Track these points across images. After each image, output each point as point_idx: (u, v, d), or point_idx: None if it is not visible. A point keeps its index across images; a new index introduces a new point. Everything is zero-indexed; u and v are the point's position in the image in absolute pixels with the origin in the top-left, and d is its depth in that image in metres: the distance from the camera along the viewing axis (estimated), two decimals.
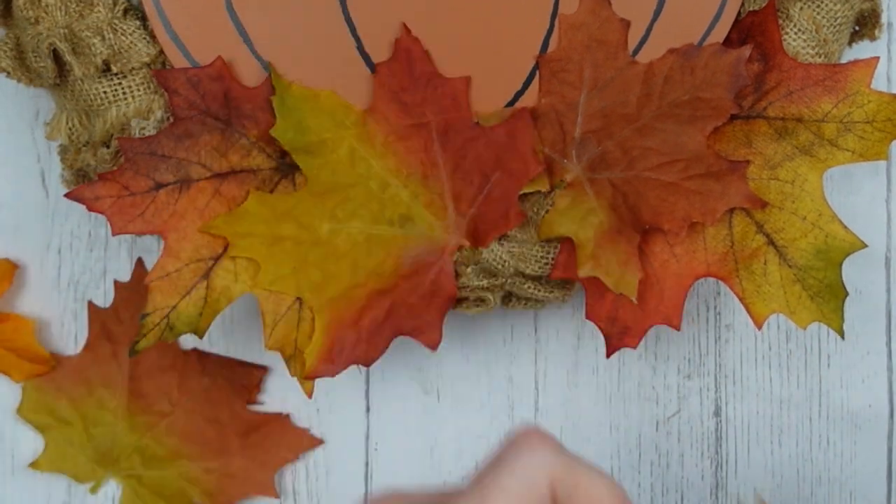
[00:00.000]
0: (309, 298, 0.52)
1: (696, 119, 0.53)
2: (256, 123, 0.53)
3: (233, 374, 0.59)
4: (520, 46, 0.54)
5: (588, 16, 0.53)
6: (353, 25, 0.53)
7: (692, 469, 0.61)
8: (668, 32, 0.53)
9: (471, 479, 0.40)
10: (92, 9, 0.52)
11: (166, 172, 0.52)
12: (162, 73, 0.52)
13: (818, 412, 0.61)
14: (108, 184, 0.52)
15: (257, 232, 0.52)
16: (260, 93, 0.53)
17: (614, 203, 0.53)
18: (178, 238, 0.53)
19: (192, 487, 0.59)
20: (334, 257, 0.53)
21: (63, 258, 0.60)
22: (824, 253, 0.54)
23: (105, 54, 0.52)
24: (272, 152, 0.53)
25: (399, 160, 0.53)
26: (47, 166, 0.59)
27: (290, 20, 0.53)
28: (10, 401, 0.60)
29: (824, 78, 0.53)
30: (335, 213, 0.53)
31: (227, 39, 0.53)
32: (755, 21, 0.53)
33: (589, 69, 0.53)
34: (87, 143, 0.54)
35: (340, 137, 0.53)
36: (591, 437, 0.61)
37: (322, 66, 0.53)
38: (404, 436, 0.60)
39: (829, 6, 0.54)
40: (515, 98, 0.54)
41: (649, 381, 0.61)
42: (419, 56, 0.53)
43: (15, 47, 0.53)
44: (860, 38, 0.57)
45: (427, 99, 0.53)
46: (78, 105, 0.53)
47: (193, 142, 0.53)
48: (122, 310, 0.59)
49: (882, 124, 0.53)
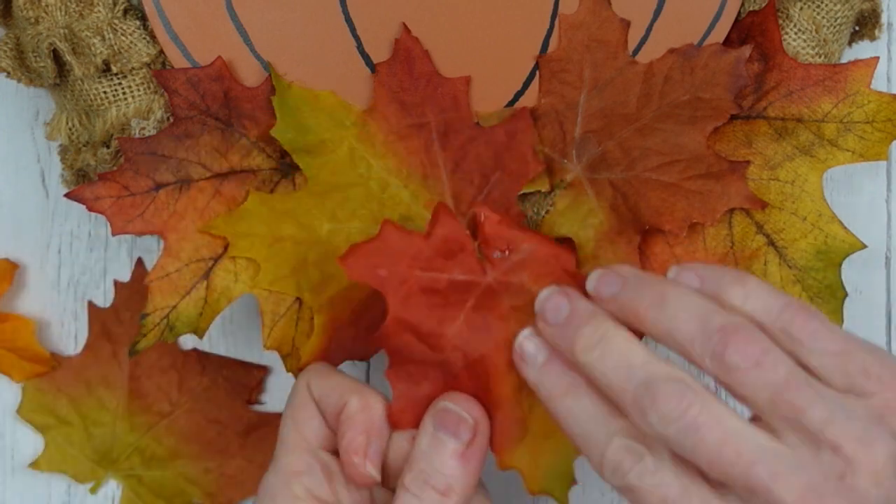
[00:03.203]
0: (308, 298, 0.52)
1: (696, 119, 0.52)
2: (256, 123, 0.53)
3: (233, 374, 0.59)
4: (520, 46, 0.54)
5: (588, 16, 0.53)
6: (353, 25, 0.53)
7: None
8: (668, 32, 0.53)
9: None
10: (92, 9, 0.52)
11: (166, 172, 0.52)
12: (162, 73, 0.52)
13: None
14: (108, 184, 0.52)
15: (257, 232, 0.52)
16: (260, 93, 0.53)
17: (614, 203, 0.53)
18: (178, 238, 0.53)
19: (191, 487, 0.59)
20: (334, 257, 0.53)
21: (63, 258, 0.60)
22: (824, 253, 0.54)
23: (105, 54, 0.52)
24: (272, 152, 0.53)
25: (399, 160, 0.53)
26: (47, 166, 0.59)
27: (290, 20, 0.53)
28: (10, 401, 0.59)
29: (824, 78, 0.53)
30: (335, 213, 0.53)
31: (227, 39, 0.53)
32: (755, 21, 0.53)
33: (589, 69, 0.53)
34: (87, 143, 0.54)
35: (340, 137, 0.53)
36: None
37: (322, 66, 0.53)
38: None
39: (829, 6, 0.54)
40: (515, 98, 0.54)
41: None
42: (419, 56, 0.53)
43: (15, 47, 0.53)
44: (860, 38, 0.57)
45: (427, 99, 0.53)
46: (78, 105, 0.53)
47: (193, 142, 0.53)
48: (122, 310, 0.59)
49: (882, 124, 0.53)
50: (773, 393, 0.41)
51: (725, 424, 0.41)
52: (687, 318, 0.43)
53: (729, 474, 0.41)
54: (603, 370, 0.44)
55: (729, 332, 0.42)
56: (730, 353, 0.42)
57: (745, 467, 0.41)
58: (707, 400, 0.41)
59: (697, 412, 0.41)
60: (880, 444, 0.41)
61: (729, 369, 0.42)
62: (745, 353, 0.42)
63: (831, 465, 0.41)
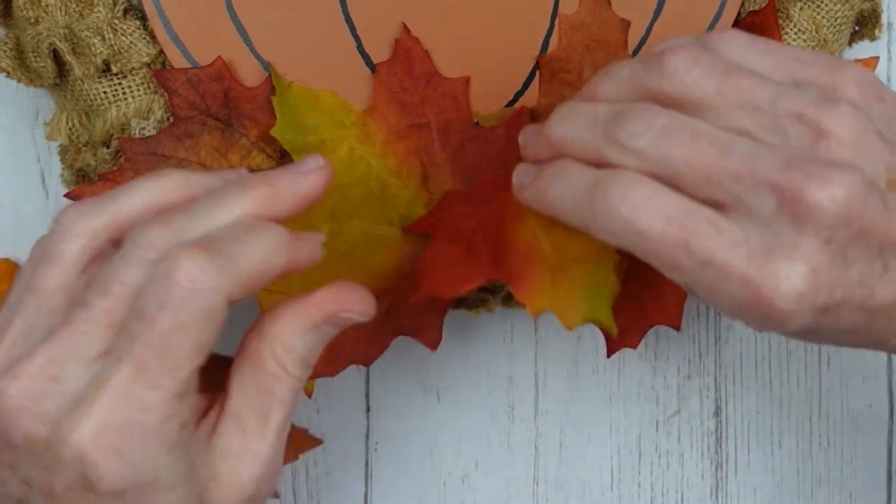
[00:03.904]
0: None
1: None
2: (256, 123, 0.53)
3: None
4: (520, 46, 0.54)
5: (588, 16, 0.53)
6: (352, 25, 0.53)
7: (692, 469, 0.61)
8: (668, 32, 0.53)
9: None
10: (92, 9, 0.52)
11: None
12: (162, 73, 0.52)
13: (818, 412, 0.61)
14: (108, 184, 0.52)
15: None
16: (260, 93, 0.53)
17: None
18: None
19: None
20: (334, 257, 0.53)
21: None
22: None
23: (105, 54, 0.52)
24: (272, 152, 0.53)
25: (399, 160, 0.53)
26: (47, 166, 0.59)
27: (290, 20, 0.53)
28: None
29: None
30: (335, 212, 0.53)
31: (227, 39, 0.53)
32: (755, 21, 0.53)
33: (589, 69, 0.53)
34: (87, 143, 0.54)
35: (340, 137, 0.53)
36: (592, 437, 0.61)
37: (322, 66, 0.53)
38: (404, 436, 0.60)
39: (829, 6, 0.54)
40: (515, 98, 0.54)
41: (649, 381, 0.61)
42: (419, 56, 0.53)
43: (15, 47, 0.53)
44: (860, 38, 0.57)
45: (427, 99, 0.53)
46: (78, 105, 0.53)
47: (193, 142, 0.53)
48: None
49: None
50: (717, 84, 0.41)
51: (694, 126, 0.41)
52: (628, 65, 0.43)
53: (709, 172, 0.40)
54: (572, 130, 0.43)
55: (664, 52, 0.42)
56: (667, 62, 0.41)
57: (723, 157, 0.40)
58: (672, 113, 0.41)
59: (665, 120, 0.41)
60: (844, 105, 0.40)
61: (671, 77, 0.41)
62: (681, 58, 0.41)
63: (800, 138, 0.40)
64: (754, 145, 0.40)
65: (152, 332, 0.39)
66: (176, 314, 0.39)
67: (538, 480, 0.61)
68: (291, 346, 0.43)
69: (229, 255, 0.40)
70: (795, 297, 0.39)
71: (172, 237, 0.40)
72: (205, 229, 0.40)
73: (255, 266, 0.41)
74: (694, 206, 0.40)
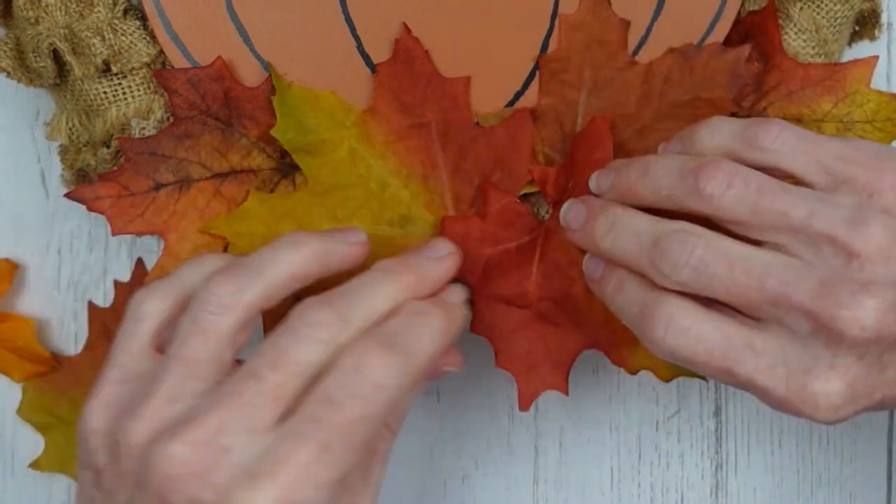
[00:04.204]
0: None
1: (696, 119, 0.52)
2: (256, 123, 0.53)
3: None
4: (520, 46, 0.54)
5: (588, 16, 0.53)
6: (353, 25, 0.53)
7: (692, 469, 0.61)
8: (668, 32, 0.53)
9: None
10: (92, 9, 0.52)
11: (166, 172, 0.52)
12: (162, 73, 0.52)
13: None
14: (108, 184, 0.52)
15: (257, 232, 0.52)
16: (260, 93, 0.53)
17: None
18: (178, 238, 0.53)
19: None
20: None
21: (63, 258, 0.60)
22: None
23: (105, 54, 0.52)
24: (272, 152, 0.53)
25: (399, 160, 0.53)
26: (47, 166, 0.59)
27: (290, 20, 0.53)
28: (10, 401, 0.60)
29: (824, 78, 0.53)
30: (335, 213, 0.53)
31: (227, 39, 0.53)
32: (755, 21, 0.53)
33: (589, 69, 0.53)
34: (87, 143, 0.54)
35: (340, 137, 0.53)
36: (591, 437, 0.61)
37: (322, 66, 0.53)
38: (404, 436, 0.60)
39: (829, 6, 0.54)
40: (515, 98, 0.54)
41: (649, 381, 0.61)
42: (419, 56, 0.53)
43: (15, 47, 0.53)
44: (860, 38, 0.57)
45: (427, 99, 0.53)
46: (78, 105, 0.53)
47: (193, 142, 0.53)
48: (123, 310, 0.59)
49: (882, 124, 0.53)
50: (752, 206, 0.43)
51: (730, 253, 0.43)
52: (666, 173, 0.46)
53: (748, 297, 0.43)
54: (620, 247, 0.46)
55: (699, 169, 0.44)
56: (702, 185, 0.44)
57: (759, 285, 0.42)
58: (709, 238, 0.44)
59: (702, 251, 0.43)
60: (874, 222, 0.42)
61: (709, 200, 0.44)
62: (716, 180, 0.44)
63: (833, 257, 0.42)
64: (789, 268, 0.43)
65: (341, 418, 0.40)
66: (366, 405, 0.41)
67: (538, 480, 0.61)
68: (402, 409, 0.47)
69: (407, 352, 0.42)
70: (834, 410, 0.42)
71: (339, 320, 0.42)
72: (363, 313, 0.43)
73: (428, 357, 0.44)
74: (733, 330, 0.43)
